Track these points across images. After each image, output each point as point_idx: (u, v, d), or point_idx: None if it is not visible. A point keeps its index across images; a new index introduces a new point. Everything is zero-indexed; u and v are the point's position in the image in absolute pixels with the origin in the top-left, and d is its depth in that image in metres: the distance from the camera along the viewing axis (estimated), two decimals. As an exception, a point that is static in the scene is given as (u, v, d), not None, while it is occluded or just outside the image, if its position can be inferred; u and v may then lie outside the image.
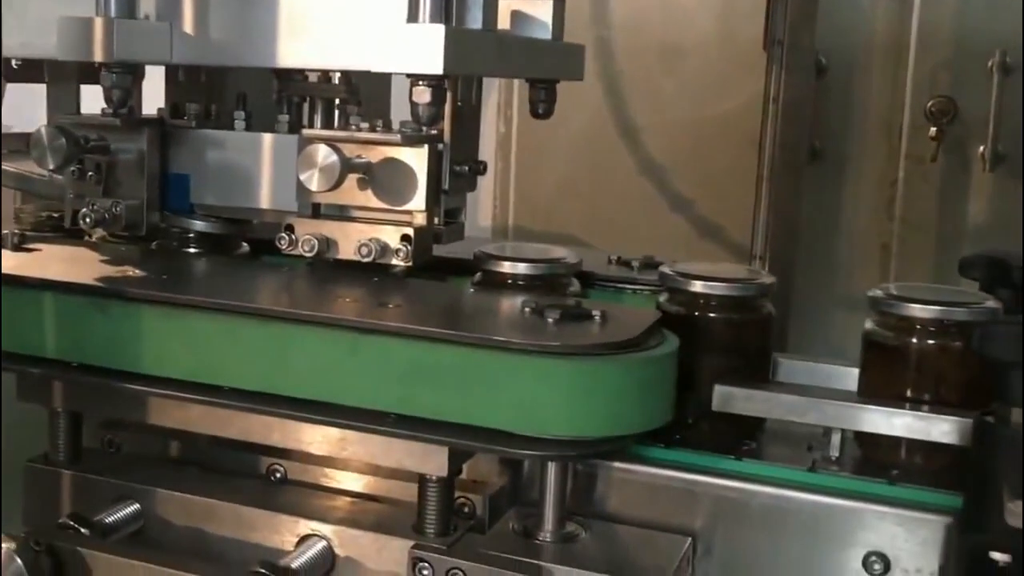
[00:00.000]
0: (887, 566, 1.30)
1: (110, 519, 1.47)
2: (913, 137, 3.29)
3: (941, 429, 1.30)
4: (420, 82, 1.38)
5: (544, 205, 3.61)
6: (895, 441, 1.37)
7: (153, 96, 1.76)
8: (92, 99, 1.71)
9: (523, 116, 3.34)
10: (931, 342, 1.37)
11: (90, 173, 1.60)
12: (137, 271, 1.54)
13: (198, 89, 1.73)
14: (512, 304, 1.42)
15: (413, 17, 1.36)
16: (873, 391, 1.41)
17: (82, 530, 1.43)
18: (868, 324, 1.43)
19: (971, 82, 3.20)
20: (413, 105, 1.39)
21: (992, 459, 1.15)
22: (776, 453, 1.45)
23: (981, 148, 3.20)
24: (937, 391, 1.36)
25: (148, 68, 1.65)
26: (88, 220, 1.59)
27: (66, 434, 1.56)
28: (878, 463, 1.39)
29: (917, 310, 1.37)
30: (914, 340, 1.38)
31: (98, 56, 1.46)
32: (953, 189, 3.30)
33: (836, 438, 1.39)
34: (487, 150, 3.61)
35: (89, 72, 1.66)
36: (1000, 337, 1.13)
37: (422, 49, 1.33)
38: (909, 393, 1.37)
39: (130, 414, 1.53)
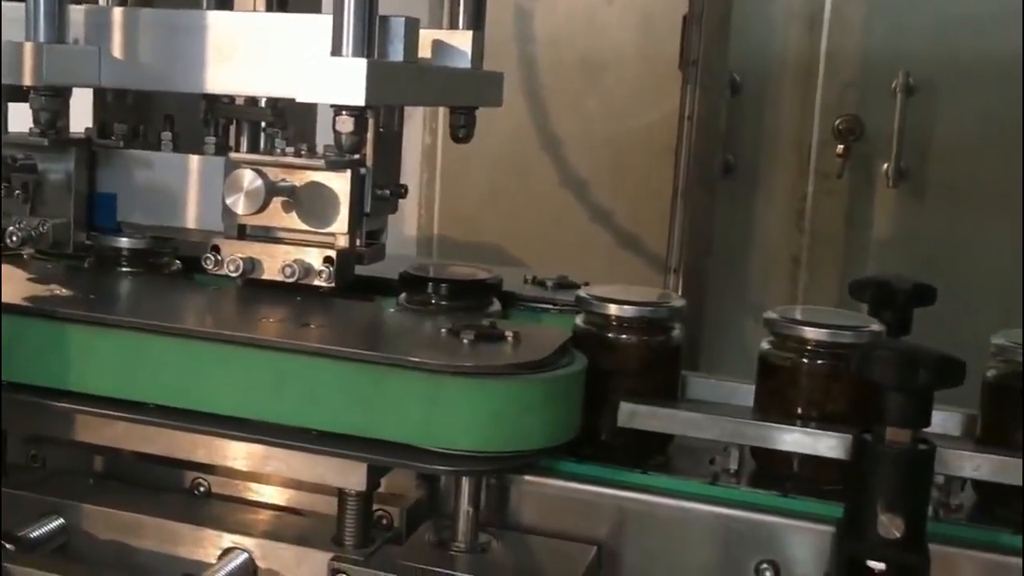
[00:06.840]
0: (777, 573, 1.39)
1: (35, 534, 1.49)
2: (821, 153, 3.41)
3: (827, 444, 1.40)
4: (343, 112, 1.43)
5: (468, 216, 3.67)
6: (788, 455, 1.46)
7: (81, 114, 1.79)
8: (19, 117, 1.73)
9: (448, 128, 3.41)
10: (820, 362, 1.47)
11: (17, 192, 1.63)
12: (64, 289, 1.57)
13: (126, 110, 1.77)
14: (431, 325, 1.49)
15: (337, 50, 1.41)
16: (767, 408, 1.51)
17: (7, 545, 1.44)
18: (764, 345, 1.52)
19: (876, 101, 3.33)
20: (336, 134, 1.44)
21: (869, 474, 1.25)
22: (681, 466, 1.54)
23: (885, 165, 3.33)
24: (824, 409, 1.46)
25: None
26: (15, 238, 1.61)
27: (-9, 450, 1.59)
28: (774, 475, 1.48)
29: (809, 332, 1.47)
30: (804, 360, 1.47)
31: (28, 80, 1.48)
32: (859, 204, 3.43)
33: (735, 452, 1.48)
34: (412, 161, 3.67)
35: (16, 92, 1.68)
36: (878, 360, 1.22)
37: (345, 82, 1.39)
38: (799, 411, 1.47)
39: (56, 431, 1.55)
